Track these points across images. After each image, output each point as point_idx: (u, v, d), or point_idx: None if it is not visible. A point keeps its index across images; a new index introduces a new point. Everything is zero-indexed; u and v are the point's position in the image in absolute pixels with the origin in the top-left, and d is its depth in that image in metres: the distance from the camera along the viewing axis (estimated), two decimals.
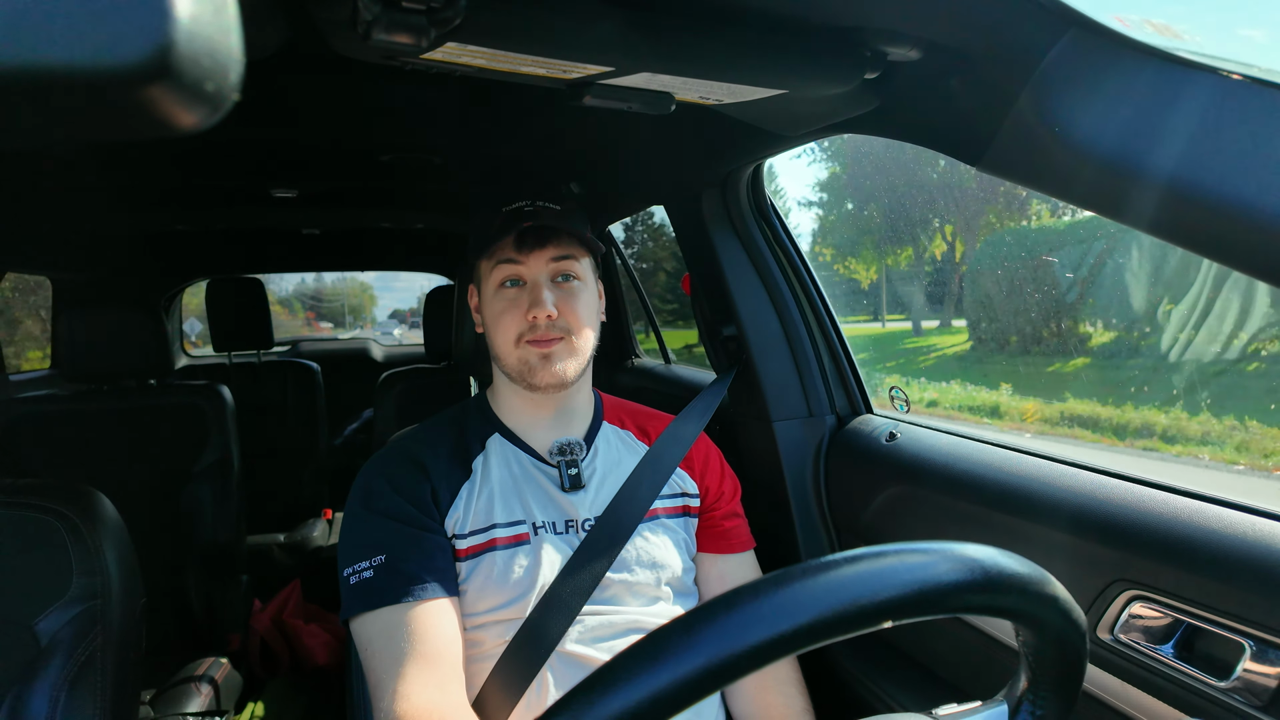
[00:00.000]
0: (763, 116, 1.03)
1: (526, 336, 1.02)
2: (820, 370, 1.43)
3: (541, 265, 1.03)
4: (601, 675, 0.41)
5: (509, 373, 1.06)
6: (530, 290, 1.03)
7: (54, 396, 2.05)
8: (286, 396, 3.11)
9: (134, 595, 1.05)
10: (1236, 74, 0.54)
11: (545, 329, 1.02)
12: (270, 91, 1.17)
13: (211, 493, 2.05)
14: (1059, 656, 0.50)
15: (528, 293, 1.03)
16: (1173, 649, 0.77)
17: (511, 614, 0.97)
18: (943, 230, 9.03)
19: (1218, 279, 2.43)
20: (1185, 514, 0.78)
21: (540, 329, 1.02)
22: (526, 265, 1.03)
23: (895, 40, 0.77)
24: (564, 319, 1.03)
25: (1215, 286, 2.52)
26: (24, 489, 1.03)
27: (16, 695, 0.94)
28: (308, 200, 2.14)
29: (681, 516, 1.11)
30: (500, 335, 1.04)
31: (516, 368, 1.04)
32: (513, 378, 1.06)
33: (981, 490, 1.02)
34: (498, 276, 1.04)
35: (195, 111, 0.26)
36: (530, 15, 0.67)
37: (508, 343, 1.04)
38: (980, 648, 1.03)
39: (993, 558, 0.46)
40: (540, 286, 1.02)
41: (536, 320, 1.01)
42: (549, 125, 1.44)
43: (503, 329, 1.04)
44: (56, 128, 0.27)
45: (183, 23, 0.24)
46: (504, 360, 1.06)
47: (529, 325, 1.02)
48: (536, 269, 1.03)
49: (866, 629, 0.42)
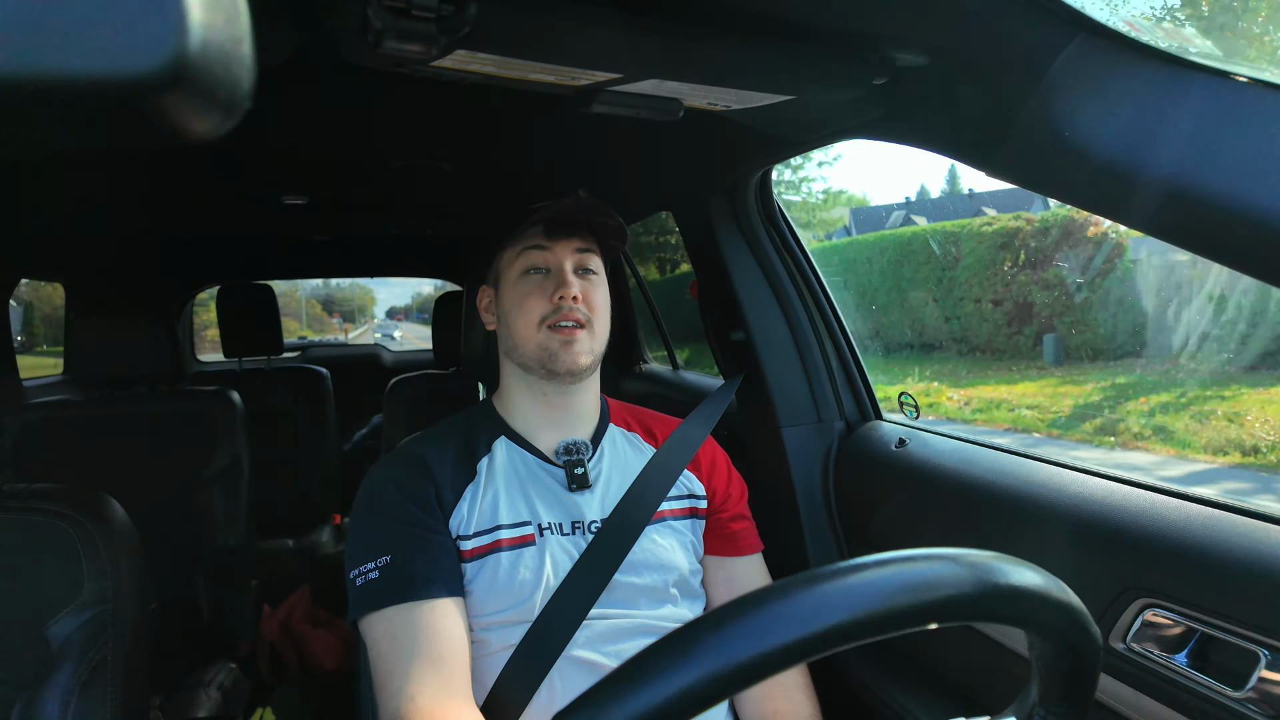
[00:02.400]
0: (771, 122, 1.03)
1: (550, 320, 1.03)
2: (829, 376, 1.42)
3: (568, 253, 1.06)
4: (629, 669, 0.41)
5: (526, 360, 1.06)
6: (556, 274, 1.05)
7: (66, 402, 2.06)
8: (297, 402, 3.12)
9: (145, 600, 1.05)
10: (1244, 77, 0.54)
11: (569, 311, 1.03)
12: (282, 99, 1.18)
13: (222, 498, 2.06)
14: (1072, 667, 0.50)
15: (553, 278, 1.05)
16: (1186, 658, 0.76)
17: (518, 616, 0.97)
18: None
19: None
20: (1199, 521, 0.77)
21: (564, 310, 1.03)
22: (553, 251, 1.05)
23: (904, 46, 0.77)
24: (585, 306, 1.05)
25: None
26: (36, 494, 1.04)
27: (28, 700, 0.94)
28: (318, 207, 2.16)
29: (689, 519, 1.11)
30: (522, 319, 1.05)
31: (535, 354, 1.04)
32: (529, 366, 1.06)
33: (992, 497, 1.01)
34: (522, 264, 1.06)
35: (208, 119, 0.27)
36: (540, 23, 0.68)
37: (529, 326, 1.04)
38: (990, 656, 1.02)
39: (1012, 566, 0.45)
40: (566, 270, 1.05)
41: (563, 300, 1.03)
42: (558, 132, 1.45)
43: (525, 312, 1.05)
44: (71, 136, 0.27)
45: (196, 31, 0.24)
46: (522, 347, 1.06)
47: (553, 308, 1.03)
48: (562, 256, 1.06)
49: (890, 634, 0.42)
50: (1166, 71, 0.57)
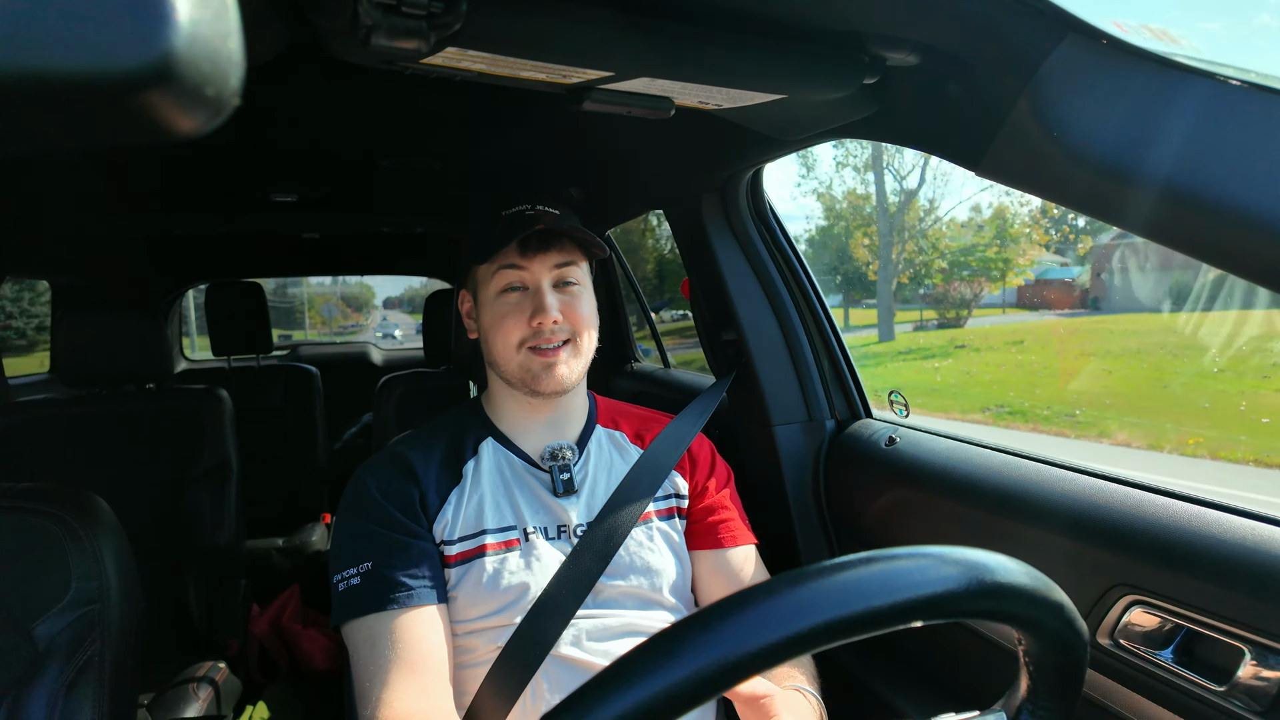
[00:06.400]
0: (762, 121, 1.03)
1: (529, 342, 1.02)
2: (820, 374, 1.43)
3: (545, 270, 1.03)
4: (616, 670, 0.41)
5: (509, 379, 1.05)
6: (534, 296, 1.02)
7: (52, 400, 2.04)
8: (286, 401, 3.10)
9: (133, 599, 1.04)
10: (1233, 79, 0.55)
11: (549, 334, 1.01)
12: (270, 96, 1.18)
13: (210, 497, 2.05)
14: (1059, 664, 0.50)
15: (530, 298, 1.02)
16: (1172, 654, 0.77)
17: (503, 620, 0.96)
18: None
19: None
20: (1185, 519, 0.78)
21: (544, 334, 1.01)
22: (530, 270, 1.02)
23: (894, 45, 0.78)
24: (567, 323, 1.03)
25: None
26: (22, 493, 1.02)
27: (14, 700, 0.93)
28: (307, 204, 2.15)
29: (671, 518, 1.11)
30: (500, 340, 1.03)
31: (517, 374, 1.04)
32: (513, 384, 1.05)
33: (981, 494, 1.02)
34: (499, 282, 1.03)
35: (196, 117, 0.26)
36: (530, 20, 0.68)
37: (509, 348, 1.03)
38: (978, 652, 1.03)
39: (1000, 563, 0.46)
40: (544, 292, 1.02)
41: (541, 326, 1.01)
42: (549, 130, 1.45)
43: (503, 334, 1.03)
44: (57, 133, 0.27)
45: (183, 28, 0.24)
46: (503, 366, 1.05)
47: (533, 331, 1.01)
48: (540, 274, 1.02)
49: (879, 631, 0.42)
50: (1156, 73, 0.58)
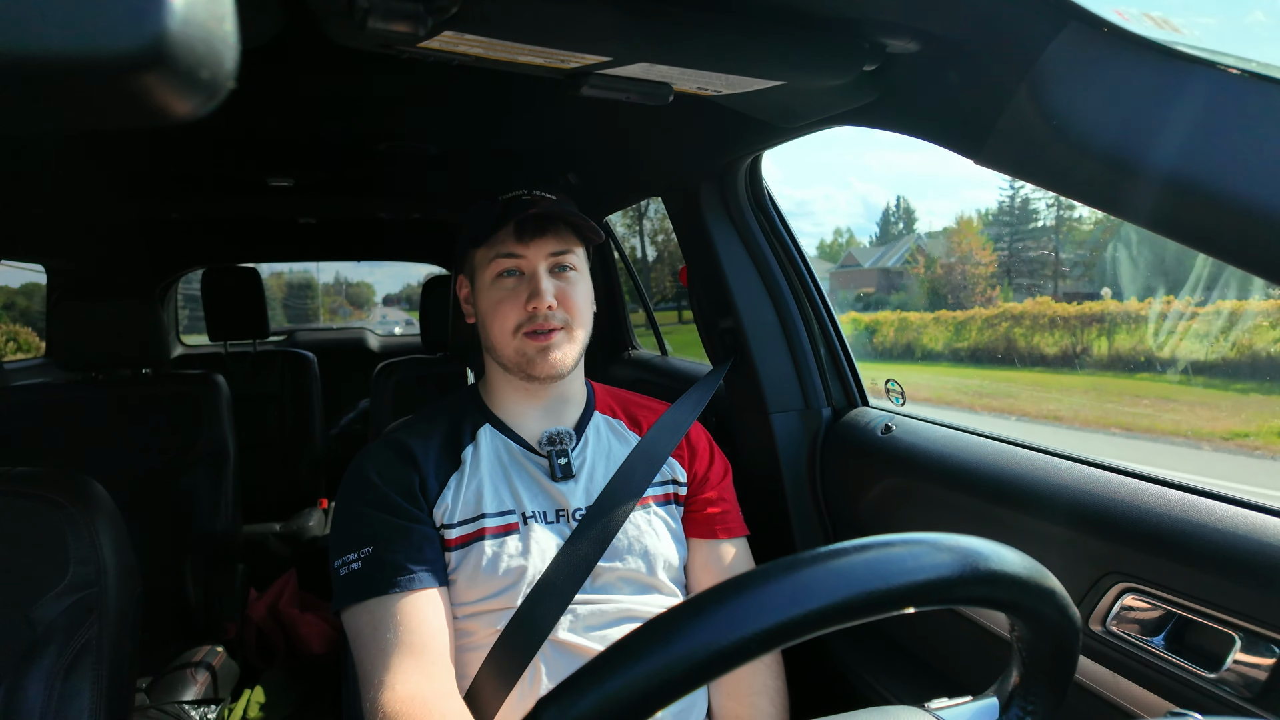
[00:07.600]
0: (761, 108, 1.03)
1: (525, 327, 1.03)
2: (817, 363, 1.43)
3: (541, 255, 1.03)
4: (611, 655, 0.41)
5: (505, 363, 1.06)
6: (529, 281, 1.03)
7: (48, 385, 2.04)
8: (282, 386, 3.09)
9: (130, 583, 1.05)
10: (1234, 69, 0.54)
11: (545, 319, 1.02)
12: (266, 80, 1.17)
13: (207, 482, 2.05)
14: (1052, 650, 0.51)
15: (526, 283, 1.03)
16: (1163, 640, 0.78)
17: (502, 603, 0.97)
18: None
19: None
20: (1178, 507, 0.79)
21: (539, 319, 1.02)
22: (526, 256, 1.03)
23: (894, 32, 0.77)
24: (562, 309, 1.03)
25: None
26: (19, 477, 1.02)
27: (12, 683, 0.94)
28: (303, 189, 2.13)
29: (670, 504, 1.12)
30: (497, 325, 1.04)
31: (514, 359, 1.04)
32: (509, 369, 1.06)
33: (975, 483, 1.02)
34: (495, 267, 1.04)
35: (190, 100, 0.26)
36: (527, 4, 0.67)
37: (505, 333, 1.04)
38: (971, 638, 1.04)
39: (994, 550, 0.46)
40: (540, 277, 1.02)
41: (536, 311, 1.01)
42: (546, 116, 1.44)
43: (500, 319, 1.03)
44: (50, 116, 0.27)
45: (178, 10, 0.24)
46: (500, 351, 1.05)
47: (528, 316, 1.02)
48: (536, 259, 1.03)
49: (873, 617, 0.42)
50: (1157, 62, 0.58)
